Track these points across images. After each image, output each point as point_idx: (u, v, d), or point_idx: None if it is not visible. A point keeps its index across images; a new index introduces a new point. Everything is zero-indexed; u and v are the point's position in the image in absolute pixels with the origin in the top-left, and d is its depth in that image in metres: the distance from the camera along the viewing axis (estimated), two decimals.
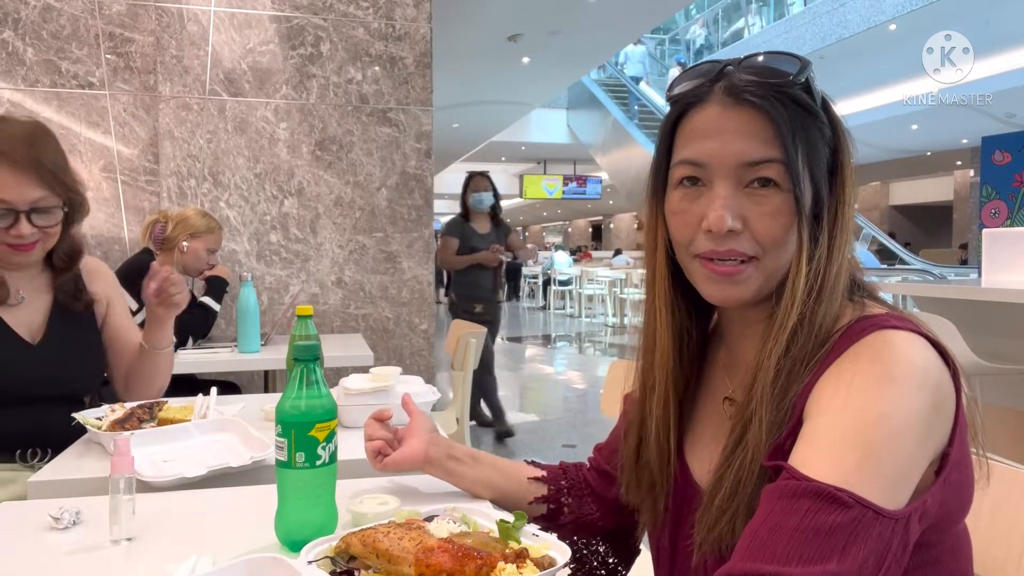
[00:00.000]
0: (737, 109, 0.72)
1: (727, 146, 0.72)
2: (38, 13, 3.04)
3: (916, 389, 0.63)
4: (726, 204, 0.71)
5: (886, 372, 0.63)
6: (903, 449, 0.61)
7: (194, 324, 2.68)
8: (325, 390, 0.91)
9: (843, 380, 0.65)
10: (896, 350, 0.65)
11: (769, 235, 0.71)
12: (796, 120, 0.71)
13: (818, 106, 0.73)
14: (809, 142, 0.71)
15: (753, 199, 0.71)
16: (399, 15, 3.37)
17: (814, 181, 0.72)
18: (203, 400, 1.48)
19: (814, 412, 0.65)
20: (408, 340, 3.45)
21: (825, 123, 0.73)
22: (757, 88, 0.71)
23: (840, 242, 0.71)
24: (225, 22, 3.20)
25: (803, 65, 0.72)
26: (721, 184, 0.72)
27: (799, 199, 0.70)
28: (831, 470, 0.60)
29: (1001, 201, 6.49)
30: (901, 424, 0.61)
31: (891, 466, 0.60)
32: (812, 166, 0.72)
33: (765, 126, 0.71)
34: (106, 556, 0.91)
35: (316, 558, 0.81)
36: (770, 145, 0.70)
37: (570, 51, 8.70)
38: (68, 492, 1.12)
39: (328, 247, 3.34)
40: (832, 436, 0.62)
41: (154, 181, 3.20)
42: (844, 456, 0.60)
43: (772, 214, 0.71)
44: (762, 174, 0.71)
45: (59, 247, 1.55)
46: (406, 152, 3.41)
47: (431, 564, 0.74)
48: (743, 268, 0.73)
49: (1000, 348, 2.84)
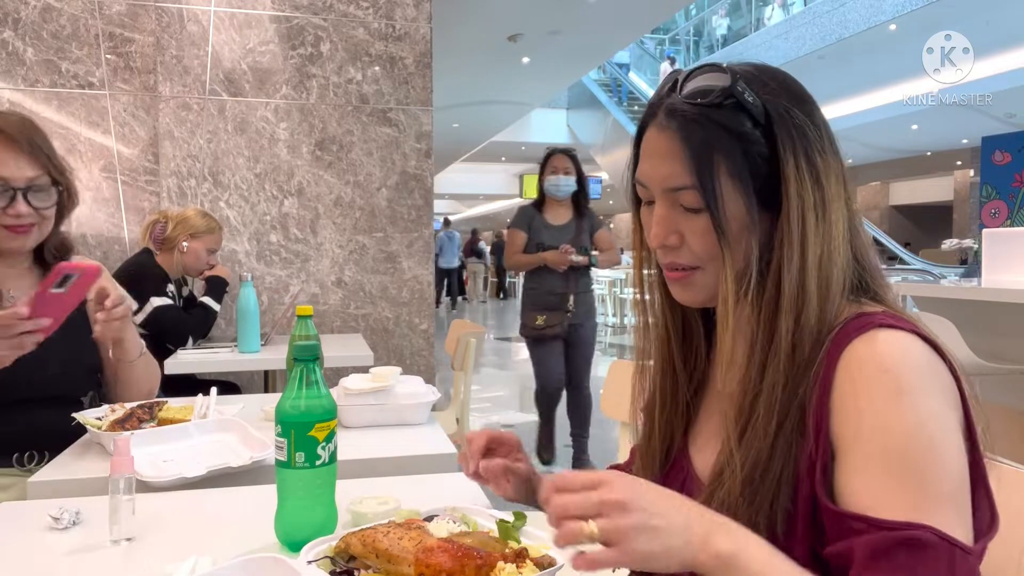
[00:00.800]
0: (665, 132, 0.74)
1: (655, 170, 0.76)
2: (38, 13, 3.04)
3: (927, 393, 0.64)
4: (659, 222, 0.76)
5: (898, 383, 0.64)
6: (944, 455, 0.63)
7: (194, 324, 2.68)
8: (325, 390, 0.91)
9: (860, 396, 0.65)
10: (895, 353, 0.65)
11: (702, 250, 0.75)
12: (715, 142, 0.72)
13: (749, 122, 0.72)
14: (730, 161, 0.72)
15: (686, 216, 0.75)
16: (399, 15, 3.37)
17: (745, 197, 0.72)
18: (203, 400, 1.48)
19: (847, 438, 0.66)
20: (408, 340, 3.45)
21: (756, 139, 0.72)
22: (682, 111, 0.73)
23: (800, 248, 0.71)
24: (225, 22, 3.20)
25: (731, 82, 0.71)
26: (659, 203, 0.76)
27: (717, 219, 0.72)
28: (898, 503, 0.61)
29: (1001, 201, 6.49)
30: (931, 434, 0.63)
31: (945, 476, 0.62)
32: (740, 182, 0.72)
33: (682, 152, 0.73)
34: (106, 556, 0.91)
35: (316, 558, 0.81)
36: (685, 171, 0.72)
37: (570, 51, 8.70)
38: (68, 492, 1.12)
39: (328, 247, 3.34)
40: (879, 465, 0.63)
41: (154, 181, 3.20)
42: (902, 484, 0.62)
43: (701, 233, 0.74)
44: (684, 199, 0.74)
45: (51, 240, 1.55)
46: (406, 152, 3.41)
47: (431, 564, 0.74)
48: (688, 275, 0.77)
49: (1000, 348, 2.84)
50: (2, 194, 1.42)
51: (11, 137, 1.42)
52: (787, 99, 0.74)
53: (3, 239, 1.46)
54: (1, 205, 1.42)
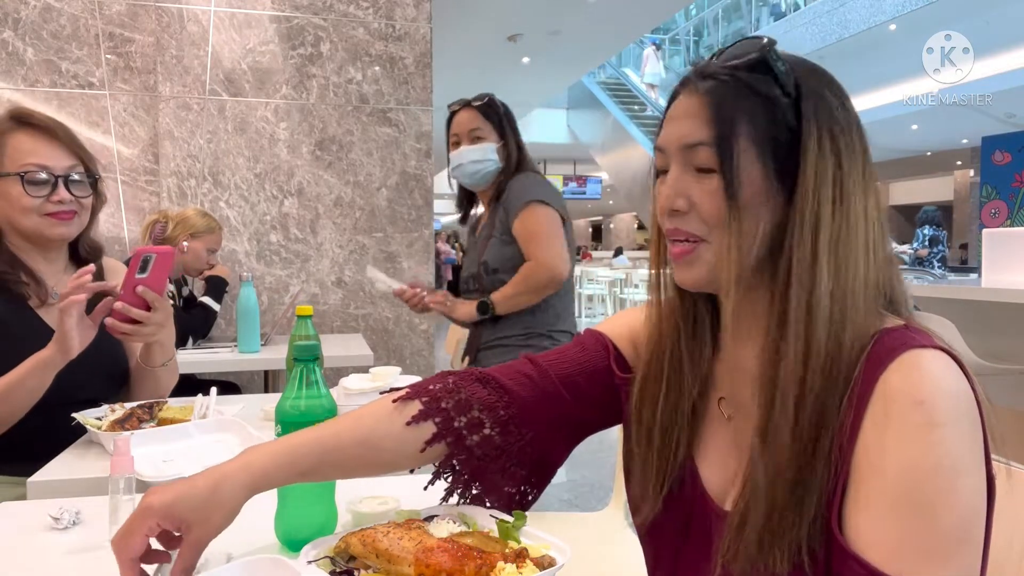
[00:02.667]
0: (693, 95, 0.73)
1: (675, 130, 0.74)
2: (38, 13, 3.04)
3: (957, 423, 0.62)
4: (671, 184, 0.74)
5: (931, 416, 0.62)
6: (963, 490, 0.62)
7: (194, 324, 2.68)
8: (325, 390, 0.91)
9: (890, 429, 0.63)
10: (931, 382, 0.63)
11: (711, 215, 0.71)
12: (740, 101, 0.70)
13: (780, 90, 0.71)
14: (753, 123, 0.70)
15: (698, 180, 0.72)
16: (399, 15, 3.37)
17: (764, 166, 0.70)
18: (203, 400, 1.48)
19: (865, 470, 0.64)
20: (408, 340, 3.45)
21: (784, 105, 0.70)
22: (712, 73, 0.73)
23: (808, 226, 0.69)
24: (225, 22, 3.20)
25: (762, 48, 0.71)
26: (672, 167, 0.74)
27: (729, 180, 0.69)
28: (901, 547, 0.60)
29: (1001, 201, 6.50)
30: (953, 469, 0.61)
31: (957, 517, 0.61)
32: (760, 148, 0.70)
33: (706, 109, 0.72)
34: (106, 556, 0.90)
35: (316, 558, 0.81)
36: (705, 127, 0.71)
37: (570, 51, 8.71)
38: (68, 492, 1.12)
39: (328, 247, 3.34)
40: (890, 503, 0.62)
41: (154, 181, 3.20)
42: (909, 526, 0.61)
43: (711, 195, 0.71)
44: (699, 156, 0.72)
45: (85, 236, 1.61)
46: (406, 152, 3.41)
47: (431, 564, 0.74)
48: (692, 248, 0.74)
49: (1000, 348, 2.84)
50: (44, 183, 1.48)
51: (47, 128, 1.50)
52: (820, 80, 0.73)
53: (47, 227, 1.50)
54: (44, 193, 1.48)
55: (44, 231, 1.50)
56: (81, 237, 1.60)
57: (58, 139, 1.50)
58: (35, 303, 1.52)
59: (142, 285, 1.38)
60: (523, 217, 2.06)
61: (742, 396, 0.78)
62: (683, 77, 0.77)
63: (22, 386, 1.36)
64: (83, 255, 1.62)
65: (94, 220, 1.61)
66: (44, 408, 1.40)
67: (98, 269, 1.64)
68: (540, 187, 2.12)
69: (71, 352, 1.34)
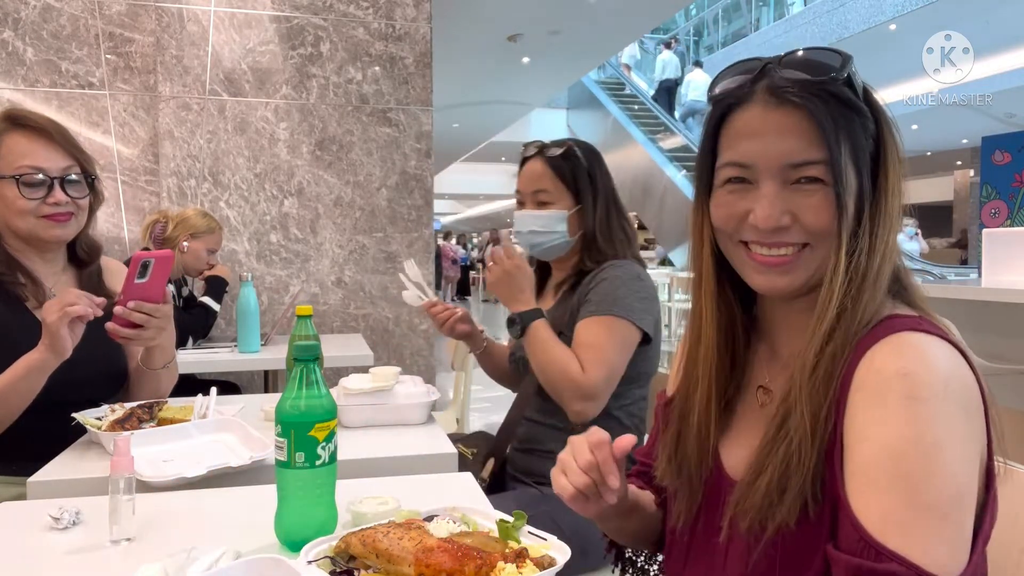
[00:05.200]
0: (780, 109, 0.73)
1: (772, 147, 0.73)
2: (38, 13, 3.03)
3: (943, 400, 0.63)
4: (773, 203, 0.73)
5: (914, 388, 0.63)
6: (946, 468, 0.62)
7: (194, 324, 2.68)
8: (325, 390, 0.91)
9: (873, 399, 0.65)
10: (919, 356, 0.65)
11: (818, 225, 0.72)
12: (839, 117, 0.72)
13: (860, 99, 0.73)
14: (852, 138, 0.72)
15: (800, 193, 0.73)
16: (399, 15, 3.37)
17: (859, 176, 0.72)
18: (203, 400, 1.48)
19: (853, 439, 0.66)
20: (408, 340, 3.45)
21: (868, 116, 0.74)
22: (799, 86, 0.72)
23: (883, 234, 0.72)
24: (225, 22, 3.19)
25: (844, 60, 0.72)
26: (768, 183, 0.73)
27: (840, 195, 0.71)
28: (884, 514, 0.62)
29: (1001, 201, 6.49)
30: (934, 444, 0.62)
31: (940, 487, 0.62)
32: (856, 161, 0.72)
33: (808, 126, 0.71)
34: (106, 556, 0.91)
35: (316, 558, 0.81)
36: (814, 145, 0.71)
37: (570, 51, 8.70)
38: (68, 492, 1.11)
39: (328, 247, 3.34)
40: (873, 472, 0.64)
41: (154, 181, 3.20)
42: (890, 493, 0.62)
43: (818, 207, 0.72)
44: (807, 173, 0.72)
45: (83, 237, 1.60)
46: (406, 152, 3.41)
47: (431, 564, 0.74)
48: (794, 258, 0.74)
49: (1000, 348, 2.84)
50: (40, 185, 1.47)
51: (42, 129, 1.49)
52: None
53: (44, 229, 1.50)
54: (40, 195, 1.47)
55: (40, 233, 1.50)
56: (79, 237, 1.60)
57: (53, 140, 1.50)
58: (32, 304, 1.51)
59: (142, 290, 1.38)
60: (593, 323, 1.57)
61: (778, 385, 0.80)
62: (735, 90, 0.76)
63: (15, 388, 1.35)
64: (81, 255, 1.61)
65: (92, 220, 1.61)
66: (44, 408, 1.39)
67: (97, 269, 1.64)
68: (634, 294, 1.59)
69: (65, 353, 1.34)
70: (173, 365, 1.63)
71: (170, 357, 1.60)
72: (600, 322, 1.56)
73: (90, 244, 1.64)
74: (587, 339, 1.56)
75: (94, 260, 1.63)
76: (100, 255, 1.66)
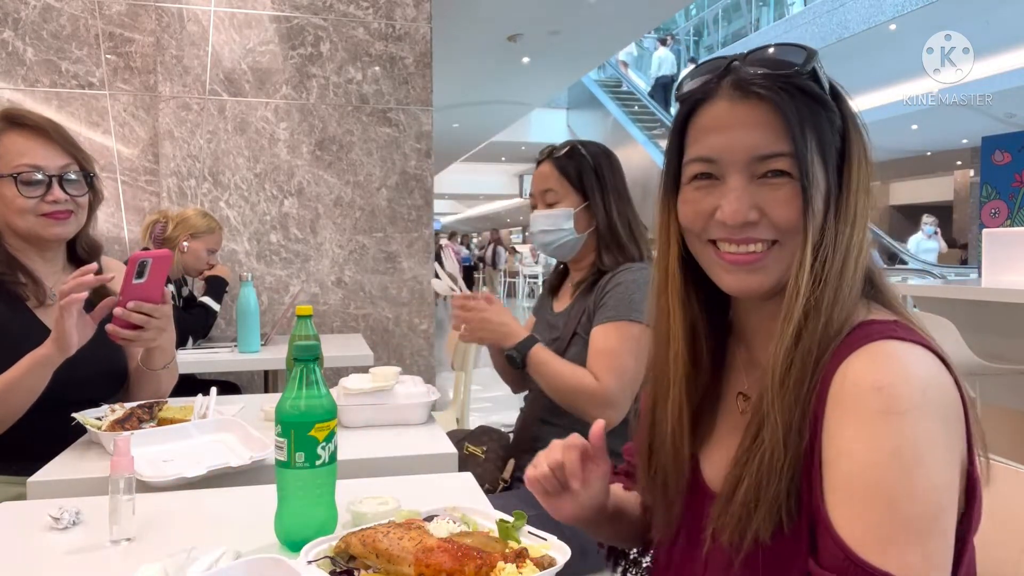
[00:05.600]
0: (746, 102, 0.72)
1: (738, 140, 0.72)
2: (38, 13, 3.03)
3: (920, 412, 0.62)
4: (740, 197, 0.72)
5: (890, 402, 0.62)
6: (927, 481, 0.61)
7: (194, 324, 2.68)
8: (325, 390, 0.91)
9: (848, 414, 0.64)
10: (894, 367, 0.64)
11: (786, 219, 0.71)
12: (804, 110, 0.71)
13: (827, 94, 0.73)
14: (818, 132, 0.71)
15: (767, 187, 0.72)
16: (399, 15, 3.37)
17: (825, 171, 0.71)
18: (203, 400, 1.48)
19: (831, 454, 0.65)
20: (408, 340, 3.45)
21: (834, 111, 0.73)
22: (764, 80, 0.71)
23: (847, 231, 0.70)
24: (225, 22, 3.20)
25: (809, 54, 0.72)
26: (734, 177, 0.72)
27: (807, 189, 0.70)
28: (865, 530, 0.61)
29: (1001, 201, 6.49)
30: (912, 458, 0.61)
31: (919, 502, 0.61)
32: (823, 155, 0.71)
33: (774, 118, 0.71)
34: (106, 556, 0.91)
35: (316, 558, 0.81)
36: (780, 138, 0.71)
37: (570, 51, 8.71)
38: (68, 492, 1.11)
39: (328, 247, 3.34)
40: (851, 487, 0.63)
41: (154, 181, 3.20)
42: (870, 510, 0.61)
43: (786, 200, 0.71)
44: (774, 166, 0.71)
45: (83, 236, 1.60)
46: (406, 152, 3.41)
47: (431, 564, 0.74)
48: (764, 255, 0.73)
49: (1000, 348, 2.84)
50: (38, 183, 1.47)
51: (40, 128, 1.49)
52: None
53: (43, 228, 1.50)
54: (38, 193, 1.47)
55: (40, 231, 1.50)
56: (79, 236, 1.60)
57: (51, 138, 1.50)
58: (33, 304, 1.52)
59: (140, 291, 1.37)
60: (609, 328, 1.60)
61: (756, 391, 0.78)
62: (702, 86, 0.75)
63: (20, 385, 1.35)
64: (81, 254, 1.61)
65: (92, 218, 1.61)
66: (44, 408, 1.39)
67: (97, 268, 1.64)
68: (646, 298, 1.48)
69: (70, 349, 1.34)
70: (173, 365, 1.63)
71: (170, 358, 1.60)
72: (615, 328, 1.59)
73: (90, 243, 1.64)
74: (602, 346, 1.59)
75: (94, 259, 1.63)
76: (101, 254, 1.66)
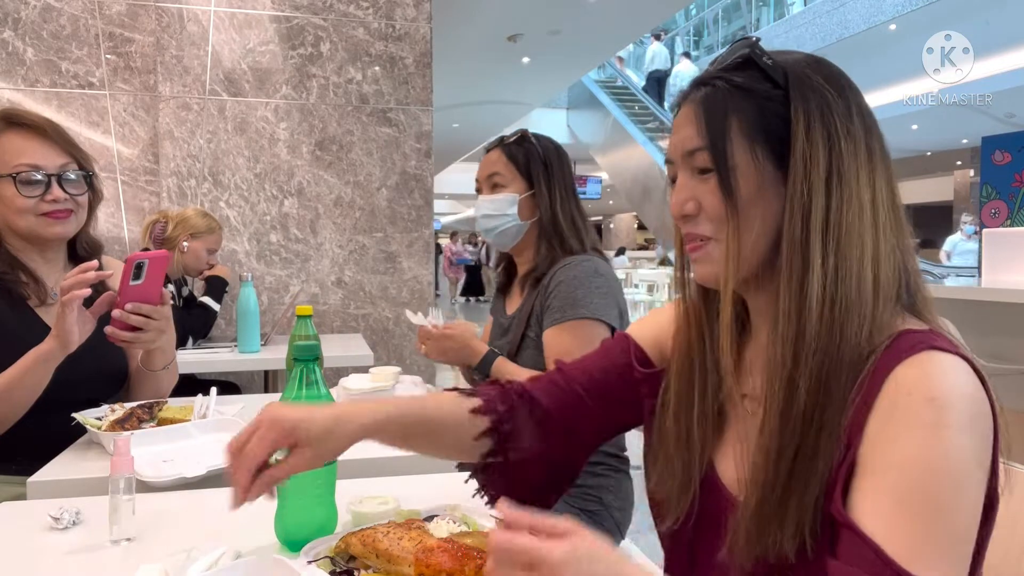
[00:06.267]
0: (684, 105, 0.77)
1: (676, 140, 0.77)
2: (38, 13, 3.03)
3: (969, 429, 0.63)
4: (680, 190, 0.76)
5: (941, 415, 0.62)
6: (966, 496, 0.62)
7: (194, 324, 2.68)
8: (325, 390, 0.91)
9: (899, 423, 0.63)
10: (947, 383, 0.63)
11: (716, 214, 0.74)
12: (729, 102, 0.73)
13: (769, 84, 0.72)
14: (745, 118, 0.72)
15: (701, 182, 0.75)
16: (399, 15, 3.37)
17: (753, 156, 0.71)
18: (203, 400, 1.48)
19: (873, 462, 0.64)
20: (408, 340, 3.45)
21: (774, 98, 0.72)
22: (704, 80, 0.76)
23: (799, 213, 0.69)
24: (225, 22, 3.19)
25: (744, 45, 0.74)
26: (681, 174, 0.77)
27: (725, 178, 0.72)
28: (902, 537, 0.61)
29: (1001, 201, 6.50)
30: (960, 473, 0.62)
31: (957, 519, 0.61)
32: (751, 141, 0.72)
33: (695, 115, 0.75)
34: (106, 556, 0.91)
35: (316, 558, 0.81)
36: (700, 133, 0.74)
37: (570, 51, 8.71)
38: (68, 492, 1.11)
39: (328, 247, 3.34)
40: (896, 494, 0.62)
41: (154, 181, 3.20)
42: (912, 519, 0.61)
43: (712, 192, 0.74)
44: (697, 162, 0.75)
45: (83, 235, 1.60)
46: (406, 152, 3.41)
47: (431, 564, 0.74)
48: (703, 245, 0.76)
49: (1000, 348, 2.84)
50: (38, 183, 1.48)
51: (38, 127, 1.50)
52: (817, 69, 0.74)
53: (44, 227, 1.50)
54: (38, 193, 1.48)
55: (40, 231, 1.50)
56: (79, 235, 1.60)
57: (49, 138, 1.50)
58: (34, 303, 1.52)
59: (138, 292, 1.37)
60: (559, 332, 1.58)
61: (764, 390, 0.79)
62: (682, 91, 0.79)
63: (22, 382, 1.35)
64: (82, 254, 1.62)
65: (92, 217, 1.61)
66: (44, 408, 1.39)
67: (98, 265, 1.64)
68: (594, 291, 1.60)
69: (71, 345, 1.35)
70: (173, 366, 1.63)
71: (170, 359, 1.60)
72: (564, 329, 1.58)
73: (91, 242, 1.64)
74: (555, 349, 1.58)
75: (95, 258, 1.63)
76: (101, 253, 1.66)
